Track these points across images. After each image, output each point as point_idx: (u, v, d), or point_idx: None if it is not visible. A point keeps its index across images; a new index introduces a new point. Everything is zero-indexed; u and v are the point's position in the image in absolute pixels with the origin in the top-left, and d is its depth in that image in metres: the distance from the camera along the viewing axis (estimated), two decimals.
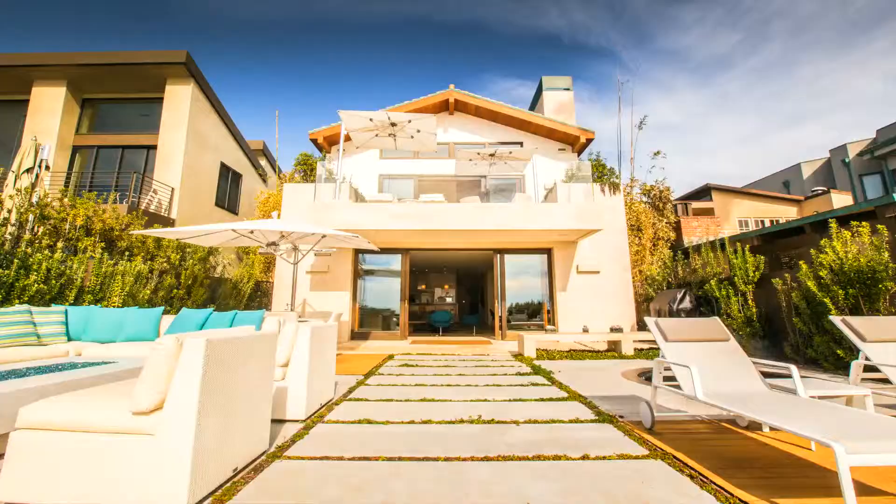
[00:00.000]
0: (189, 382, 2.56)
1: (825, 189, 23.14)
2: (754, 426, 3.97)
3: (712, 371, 3.90)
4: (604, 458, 3.29)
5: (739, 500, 2.56)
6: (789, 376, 3.87)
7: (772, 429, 3.83)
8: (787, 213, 23.11)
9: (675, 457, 3.26)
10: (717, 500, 2.57)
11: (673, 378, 4.74)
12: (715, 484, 2.78)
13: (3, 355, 5.09)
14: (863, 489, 2.69)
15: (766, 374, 5.54)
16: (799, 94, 77.96)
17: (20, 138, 15.87)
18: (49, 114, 15.85)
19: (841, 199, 21.95)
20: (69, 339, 6.28)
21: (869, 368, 5.65)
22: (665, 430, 3.97)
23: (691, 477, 2.91)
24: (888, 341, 4.20)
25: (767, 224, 22.49)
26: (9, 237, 7.83)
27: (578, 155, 17.36)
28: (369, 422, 4.29)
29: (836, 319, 4.53)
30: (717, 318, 4.53)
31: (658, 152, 17.40)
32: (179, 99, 16.03)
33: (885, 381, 5.93)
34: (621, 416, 4.43)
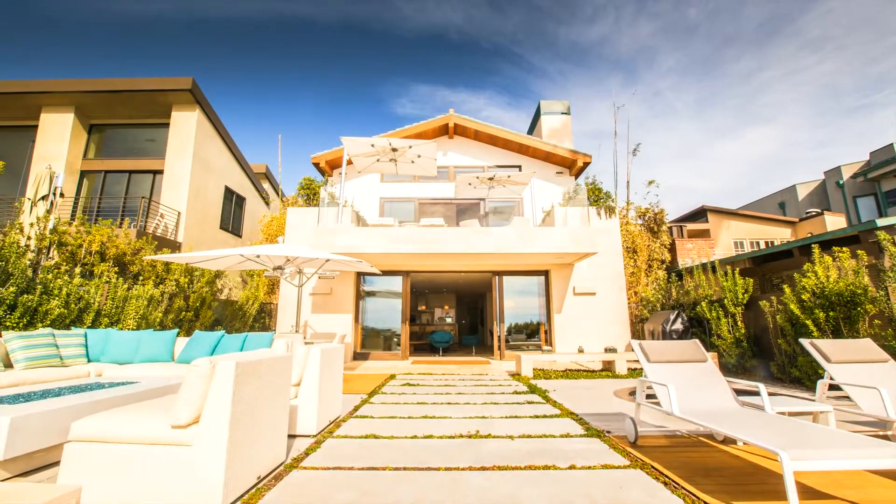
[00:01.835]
0: (222, 399, 2.93)
1: (819, 211, 23.58)
2: (730, 440, 4.32)
3: (689, 389, 4.27)
4: (589, 467, 3.65)
5: (703, 502, 2.92)
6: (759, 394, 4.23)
7: (744, 443, 4.18)
8: (781, 235, 23.51)
9: (652, 466, 3.62)
10: (683, 503, 2.93)
11: (656, 396, 5.09)
12: (685, 489, 3.14)
13: (32, 376, 5.44)
14: (812, 494, 3.06)
15: (742, 392, 5.90)
16: (736, 93, 74.71)
17: (29, 163, 16.32)
18: (57, 139, 16.31)
19: (834, 221, 22.35)
20: (89, 361, 6.63)
21: (836, 387, 5.99)
22: (647, 443, 4.33)
23: (665, 484, 3.27)
24: (850, 362, 4.57)
25: (762, 245, 22.91)
26: (28, 263, 8.22)
27: (576, 178, 17.85)
28: (375, 436, 4.64)
29: (805, 342, 4.91)
30: (696, 340, 4.90)
31: (652, 181, 17.88)
32: (185, 125, 16.53)
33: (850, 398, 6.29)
34: (608, 432, 4.79)
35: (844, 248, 8.33)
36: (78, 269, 8.65)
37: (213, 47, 52.14)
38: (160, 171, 16.56)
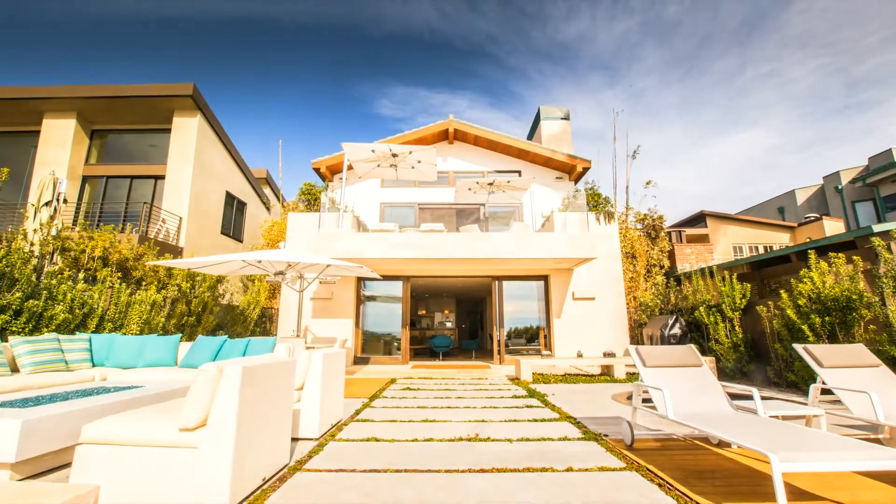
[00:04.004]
0: (228, 403, 3.02)
1: (818, 216, 23.68)
2: (724, 443, 4.40)
3: (684, 393, 4.35)
4: (586, 470, 3.74)
5: (696, 503, 3.00)
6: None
7: (738, 446, 4.26)
8: (780, 240, 23.61)
9: (648, 469, 3.71)
10: (676, 503, 3.02)
11: (652, 400, 5.18)
12: (679, 491, 3.22)
13: (39, 380, 5.52)
14: (803, 495, 3.14)
15: (737, 396, 5.98)
16: (721, 93, 74.07)
17: (31, 169, 16.41)
18: (59, 145, 16.42)
19: (833, 226, 22.44)
20: (93, 365, 6.71)
21: (829, 391, 6.07)
22: (643, 446, 4.41)
23: (659, 485, 3.35)
24: (842, 367, 4.66)
25: (761, 250, 23.00)
26: (32, 269, 8.31)
27: (575, 183, 17.98)
28: (377, 440, 4.73)
29: (798, 347, 5.00)
30: (691, 345, 4.99)
31: (650, 182, 18.01)
32: (186, 130, 16.63)
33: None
34: (605, 435, 4.87)
35: (840, 254, 8.42)
36: (81, 275, 8.75)
37: (212, 52, 52.25)
38: (162, 177, 16.65)
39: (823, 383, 4.61)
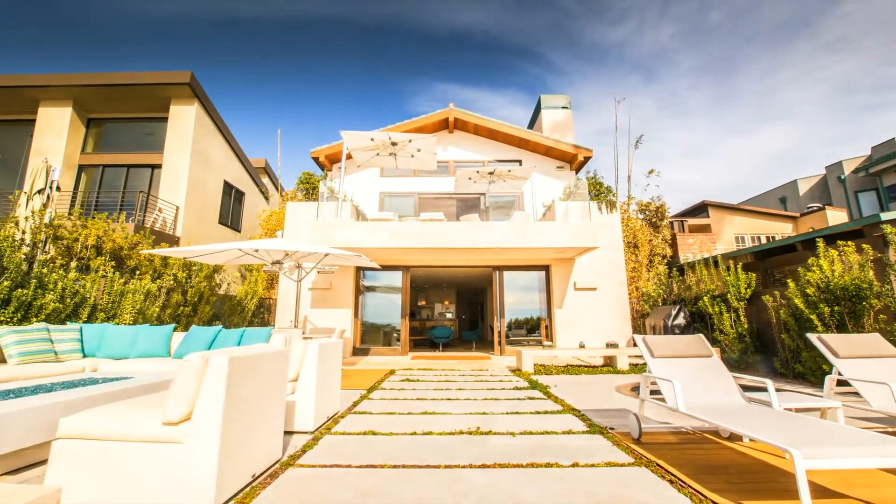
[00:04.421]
0: (214, 395, 2.84)
1: (820, 206, 23.43)
2: (735, 437, 4.23)
3: (694, 385, 4.18)
4: (592, 465, 3.56)
5: (712, 501, 2.83)
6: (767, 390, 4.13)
7: (751, 439, 4.09)
8: (782, 230, 23.40)
9: (658, 464, 3.54)
10: (691, 502, 2.85)
11: (660, 392, 5.01)
12: (692, 488, 3.05)
13: (26, 371, 5.36)
14: (824, 492, 2.97)
15: (748, 388, 5.81)
16: (751, 92, 76.97)
17: (27, 158, 16.21)
18: (55, 133, 16.19)
19: (836, 216, 22.21)
20: (84, 356, 6.53)
21: (844, 382, 5.91)
22: (651, 440, 4.24)
23: (671, 482, 3.18)
24: (859, 357, 4.48)
25: (763, 240, 22.78)
26: (23, 257, 8.12)
27: (576, 172, 17.72)
28: (374, 433, 4.56)
29: (812, 337, 4.83)
30: (700, 335, 4.81)
31: (652, 171, 17.75)
32: (184, 119, 16.40)
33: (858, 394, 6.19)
34: (611, 428, 4.70)
35: (850, 242, 8.22)
36: (74, 264, 8.56)
37: (213, 43, 52.06)
38: (158, 166, 16.45)
39: (839, 374, 4.44)
